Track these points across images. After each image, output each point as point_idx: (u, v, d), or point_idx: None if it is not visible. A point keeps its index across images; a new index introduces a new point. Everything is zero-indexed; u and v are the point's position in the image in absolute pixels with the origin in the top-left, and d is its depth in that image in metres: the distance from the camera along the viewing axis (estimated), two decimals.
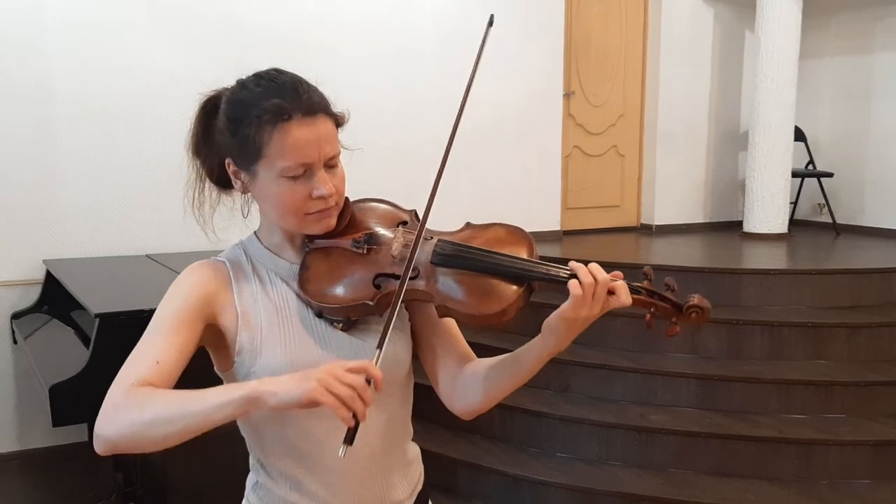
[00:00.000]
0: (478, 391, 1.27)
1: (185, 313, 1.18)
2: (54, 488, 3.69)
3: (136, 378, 1.10)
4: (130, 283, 3.46)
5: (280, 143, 1.16)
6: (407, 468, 1.35)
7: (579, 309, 1.11)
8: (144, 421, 1.05)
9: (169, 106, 4.12)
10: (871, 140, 5.90)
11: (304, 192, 1.19)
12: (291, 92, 1.18)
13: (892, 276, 4.27)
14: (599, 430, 3.54)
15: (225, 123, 1.22)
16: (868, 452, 3.36)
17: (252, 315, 1.22)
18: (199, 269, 1.26)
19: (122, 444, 1.07)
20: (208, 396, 1.05)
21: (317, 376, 1.00)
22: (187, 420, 1.05)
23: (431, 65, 4.84)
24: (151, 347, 1.15)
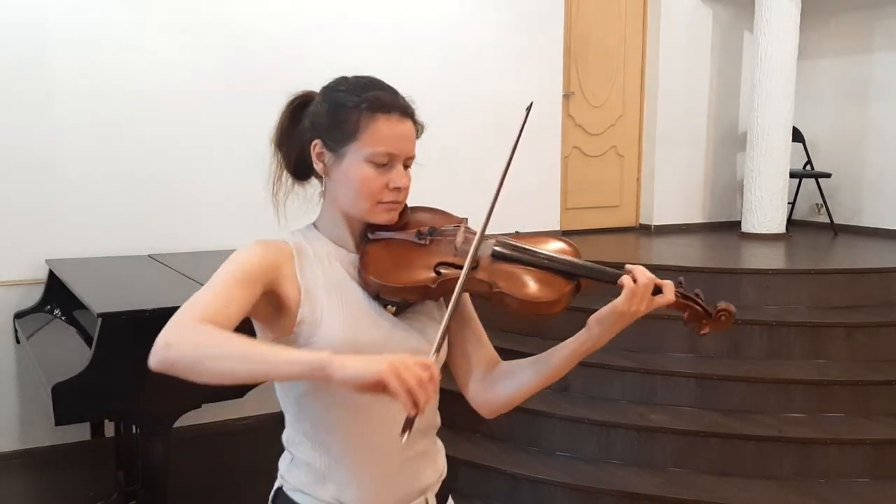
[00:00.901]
0: (511, 388, 1.37)
1: (249, 273, 1.23)
2: (56, 487, 3.70)
3: (206, 315, 1.14)
4: (133, 282, 3.47)
5: (375, 130, 1.28)
6: (435, 456, 1.41)
7: (630, 303, 1.24)
8: (210, 350, 1.09)
9: (171, 108, 4.14)
10: (869, 140, 5.92)
11: (382, 180, 1.29)
12: (391, 93, 1.33)
13: (890, 276, 4.29)
14: (599, 429, 3.55)
15: (324, 108, 1.32)
16: (867, 452, 3.37)
17: (313, 290, 1.29)
18: (263, 241, 1.31)
19: (179, 365, 1.10)
20: (280, 350, 1.12)
21: (388, 360, 1.04)
22: (254, 364, 1.08)
23: (431, 66, 4.85)
24: (215, 295, 1.19)
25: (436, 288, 1.28)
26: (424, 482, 1.37)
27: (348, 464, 1.30)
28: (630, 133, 6.06)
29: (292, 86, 3.85)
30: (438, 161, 4.82)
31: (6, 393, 3.87)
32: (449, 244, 1.34)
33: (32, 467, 3.86)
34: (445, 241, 1.34)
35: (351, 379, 1.04)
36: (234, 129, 4.29)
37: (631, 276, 1.25)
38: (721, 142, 6.29)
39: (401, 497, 1.34)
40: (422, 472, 1.37)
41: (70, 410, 2.58)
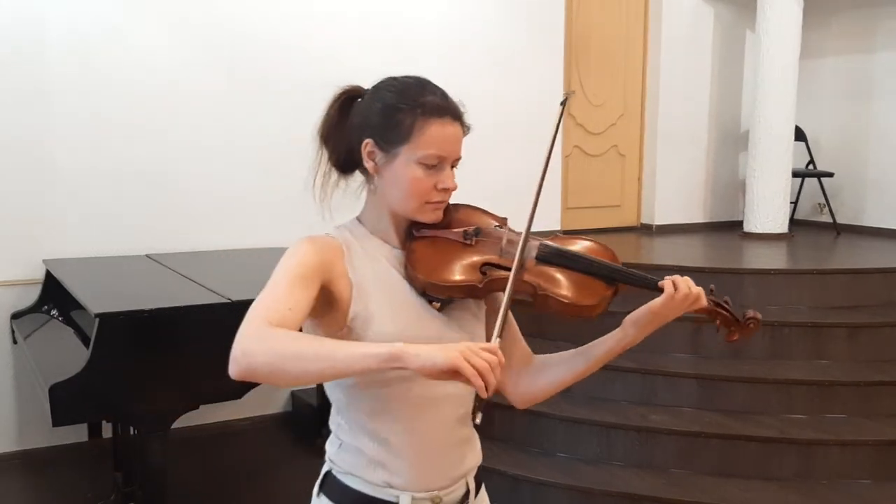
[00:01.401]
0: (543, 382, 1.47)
1: (307, 272, 1.27)
2: (54, 488, 3.69)
3: (272, 319, 1.18)
4: (130, 283, 3.46)
5: (429, 133, 1.33)
6: (475, 443, 1.48)
7: (667, 306, 1.33)
8: (286, 353, 1.14)
9: (170, 105, 4.13)
10: (872, 140, 5.90)
11: (431, 181, 1.34)
12: (444, 96, 1.37)
13: (892, 276, 4.27)
14: (600, 430, 3.54)
15: (376, 108, 1.35)
16: (868, 452, 3.36)
17: (364, 286, 1.33)
18: (314, 239, 1.35)
19: (261, 372, 1.14)
20: (352, 346, 1.16)
21: (458, 348, 1.10)
22: (330, 363, 1.13)
23: (431, 66, 4.81)
24: (281, 297, 1.23)
25: (482, 288, 1.34)
26: (466, 467, 1.44)
27: (398, 449, 1.35)
28: (631, 132, 6.04)
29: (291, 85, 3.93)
30: None
31: (3, 394, 3.86)
32: (494, 245, 1.38)
33: (30, 468, 3.85)
34: (491, 242, 1.39)
35: (425, 367, 1.09)
36: (232, 129, 4.28)
37: (672, 282, 1.34)
38: (723, 141, 6.28)
39: (446, 480, 1.40)
40: (464, 458, 1.44)
41: (67, 411, 2.57)
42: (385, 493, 1.36)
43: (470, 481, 1.45)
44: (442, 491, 1.38)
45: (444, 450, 1.39)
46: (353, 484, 1.37)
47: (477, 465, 1.49)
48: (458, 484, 1.42)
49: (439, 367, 1.09)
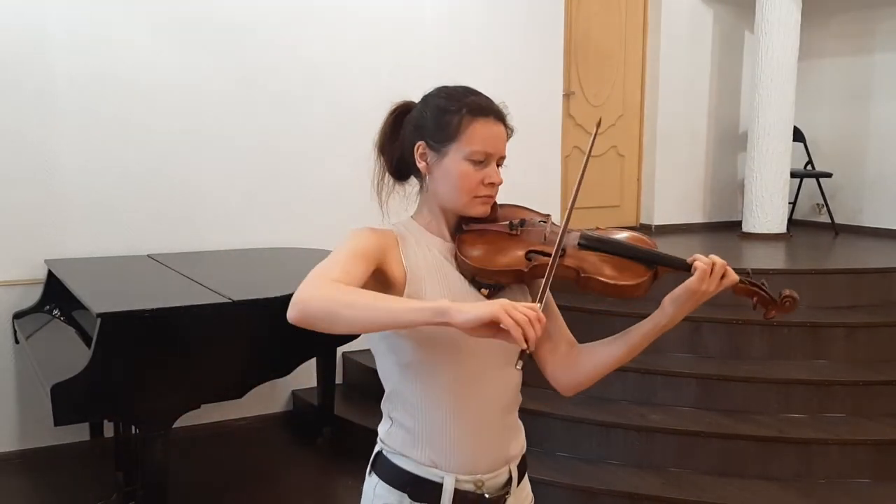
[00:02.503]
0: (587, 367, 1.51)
1: (365, 250, 1.38)
2: (55, 488, 3.69)
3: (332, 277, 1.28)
4: (132, 282, 3.46)
5: (475, 131, 1.43)
6: (519, 431, 1.56)
7: (702, 282, 1.39)
8: (343, 301, 1.22)
9: (170, 105, 4.13)
10: (870, 140, 5.91)
11: (479, 176, 1.44)
12: (487, 99, 1.48)
13: (890, 276, 4.28)
14: (599, 429, 3.55)
15: (428, 113, 1.47)
16: (868, 452, 3.37)
17: (416, 271, 1.43)
18: (373, 228, 1.45)
19: (317, 316, 1.23)
20: (402, 301, 1.28)
21: (500, 302, 1.17)
22: (380, 312, 1.21)
23: (430, 66, 4.84)
24: (339, 264, 1.32)
25: (528, 272, 1.42)
26: (510, 453, 1.50)
27: (446, 430, 1.42)
28: (630, 133, 6.05)
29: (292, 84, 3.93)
30: None
31: (5, 393, 3.86)
32: (538, 234, 1.48)
33: (31, 468, 3.85)
34: (535, 232, 1.49)
35: (469, 321, 1.16)
36: (234, 129, 4.29)
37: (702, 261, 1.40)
38: (722, 141, 6.29)
39: (490, 464, 1.46)
40: (509, 444, 1.50)
41: (69, 411, 2.58)
42: (431, 473, 1.42)
43: (513, 469, 1.51)
44: (485, 475, 1.44)
45: (489, 434, 1.46)
46: (401, 463, 1.45)
47: (521, 454, 1.55)
48: (502, 470, 1.48)
49: (481, 319, 1.15)
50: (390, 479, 1.46)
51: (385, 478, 1.47)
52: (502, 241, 1.48)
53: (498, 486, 1.48)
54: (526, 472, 1.59)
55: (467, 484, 1.43)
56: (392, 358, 1.44)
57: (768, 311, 1.51)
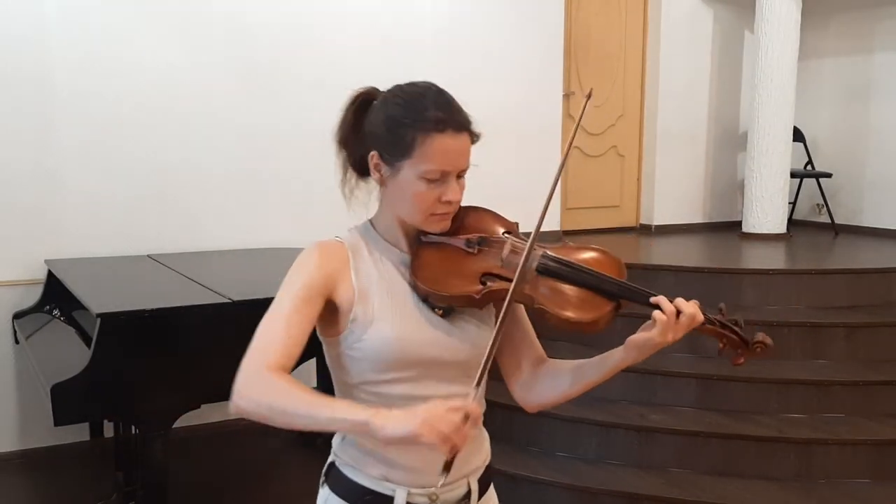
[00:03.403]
0: (557, 389, 1.45)
1: (312, 290, 1.32)
2: (55, 488, 3.69)
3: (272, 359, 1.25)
4: (132, 283, 3.46)
5: (430, 149, 1.31)
6: (481, 443, 1.50)
7: (665, 334, 1.30)
8: (278, 409, 1.21)
9: (170, 105, 4.13)
10: (870, 140, 5.91)
11: (435, 195, 1.34)
12: (447, 108, 1.35)
13: (890, 276, 4.28)
14: (599, 429, 3.55)
15: (382, 120, 1.35)
16: (867, 452, 3.37)
17: (367, 291, 1.36)
18: (322, 248, 1.39)
19: (252, 417, 1.22)
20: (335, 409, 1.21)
21: (422, 416, 1.12)
22: (312, 421, 1.19)
23: (430, 66, 4.84)
24: (284, 322, 1.29)
25: (479, 299, 1.33)
26: (469, 467, 1.44)
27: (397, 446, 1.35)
28: (630, 133, 6.05)
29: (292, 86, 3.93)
30: None
31: (5, 393, 3.86)
32: (497, 253, 1.37)
33: (31, 468, 3.85)
34: (494, 251, 1.38)
35: (392, 438, 1.13)
36: (233, 129, 4.29)
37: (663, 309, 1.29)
38: (721, 142, 6.29)
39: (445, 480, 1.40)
40: (467, 457, 1.41)
41: (69, 411, 2.57)
42: (382, 487, 1.38)
43: (472, 482, 1.45)
44: (440, 489, 1.37)
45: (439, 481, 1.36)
46: (353, 476, 1.41)
47: (483, 466, 1.49)
48: (459, 483, 1.42)
49: (402, 439, 1.12)
50: (342, 491, 1.42)
51: (337, 490, 1.43)
52: (457, 260, 1.37)
53: (454, 500, 1.42)
54: (491, 483, 1.53)
55: (420, 497, 1.38)
56: (342, 373, 1.40)
57: (737, 356, 1.38)
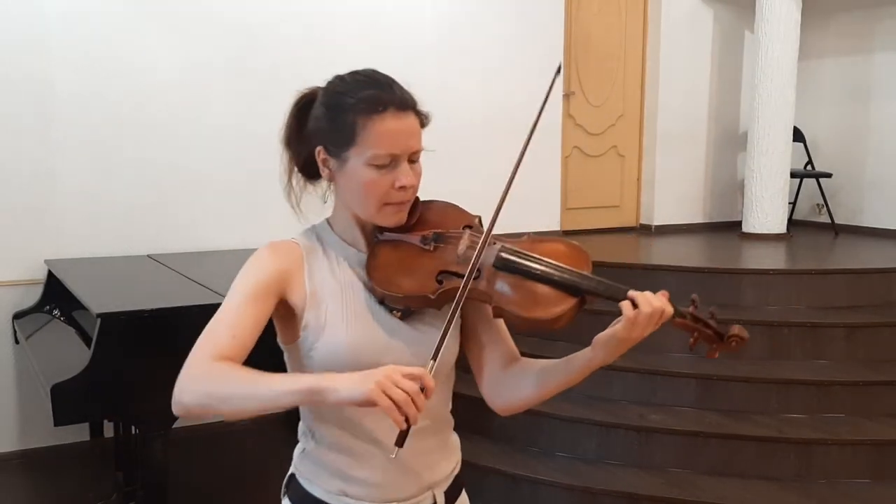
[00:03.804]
0: (526, 390, 1.34)
1: (261, 287, 1.27)
2: (55, 488, 3.69)
3: (215, 351, 1.19)
4: (132, 283, 3.46)
5: (373, 131, 1.25)
6: (448, 453, 1.43)
7: (631, 330, 1.20)
8: (219, 395, 1.15)
9: (170, 106, 4.14)
10: (870, 140, 5.91)
11: (387, 181, 1.27)
12: (387, 86, 1.28)
13: (890, 276, 4.28)
14: (599, 429, 3.55)
15: (322, 112, 1.30)
16: (867, 452, 3.37)
17: (320, 294, 1.30)
18: (275, 247, 1.33)
19: (195, 412, 1.16)
20: (277, 382, 1.13)
21: (375, 378, 1.07)
22: (257, 401, 1.13)
23: (430, 66, 4.84)
24: (228, 320, 1.23)
25: (435, 299, 1.27)
26: (434, 478, 1.39)
27: (358, 459, 1.32)
28: (630, 133, 6.05)
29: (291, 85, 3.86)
30: (436, 159, 4.82)
31: (5, 393, 3.87)
32: (454, 250, 1.30)
33: (31, 468, 3.85)
34: (450, 248, 1.31)
35: (343, 401, 1.09)
36: (233, 129, 4.29)
37: (631, 303, 1.20)
38: (722, 142, 6.29)
39: (407, 492, 1.35)
40: (433, 468, 1.38)
41: (69, 411, 2.57)
42: (340, 502, 1.34)
43: (438, 494, 1.40)
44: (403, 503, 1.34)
45: (406, 461, 1.31)
46: (311, 490, 1.37)
47: (451, 477, 1.43)
48: (423, 496, 1.37)
49: (355, 401, 1.08)
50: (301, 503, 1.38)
51: (296, 502, 1.40)
52: (413, 258, 1.30)
53: None
54: (460, 494, 1.47)
55: None
56: None
57: (711, 349, 1.31)
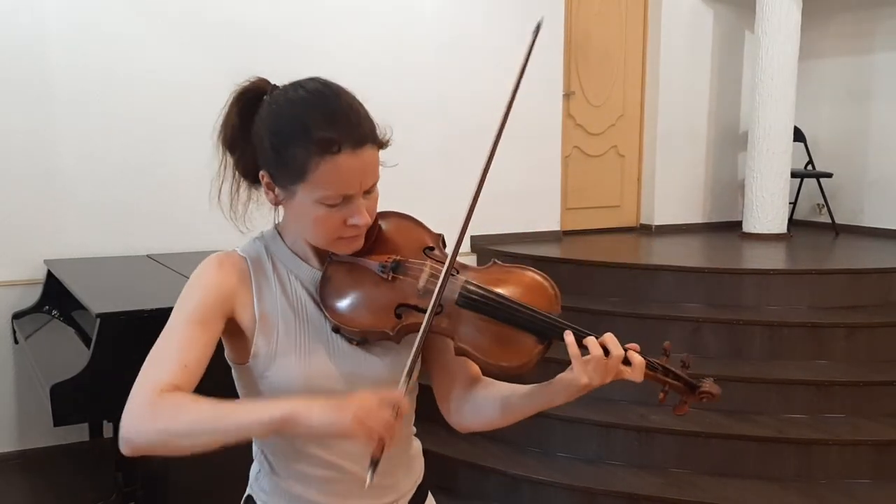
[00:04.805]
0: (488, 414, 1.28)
1: (207, 310, 1.17)
2: (54, 488, 3.69)
3: (165, 382, 1.09)
4: (131, 283, 3.46)
5: (325, 173, 1.13)
6: (409, 463, 1.38)
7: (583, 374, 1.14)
8: (174, 431, 1.05)
9: (170, 106, 4.13)
10: (871, 140, 5.91)
11: (339, 218, 1.17)
12: (343, 120, 1.15)
13: (891, 276, 4.28)
14: (599, 430, 3.55)
15: (269, 136, 1.17)
16: (868, 452, 3.37)
17: (270, 319, 1.21)
18: (219, 264, 1.23)
19: (149, 450, 1.08)
20: (242, 413, 1.05)
21: (352, 409, 1.01)
22: (219, 435, 1.05)
23: (430, 66, 4.84)
24: (176, 346, 1.14)
25: (394, 335, 1.20)
26: (396, 492, 1.33)
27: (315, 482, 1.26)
28: (631, 133, 6.05)
29: None
30: (436, 158, 4.82)
31: (4, 393, 3.86)
32: (413, 282, 1.21)
33: (31, 468, 3.85)
34: (409, 279, 1.21)
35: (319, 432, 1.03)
36: None
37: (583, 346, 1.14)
38: (722, 142, 6.29)
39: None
40: (396, 484, 1.33)
41: (68, 411, 2.57)
42: None
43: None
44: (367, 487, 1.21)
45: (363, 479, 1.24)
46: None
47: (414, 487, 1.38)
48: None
49: (332, 433, 1.02)
50: None
51: None
52: (371, 287, 1.21)
53: None
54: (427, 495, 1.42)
55: None
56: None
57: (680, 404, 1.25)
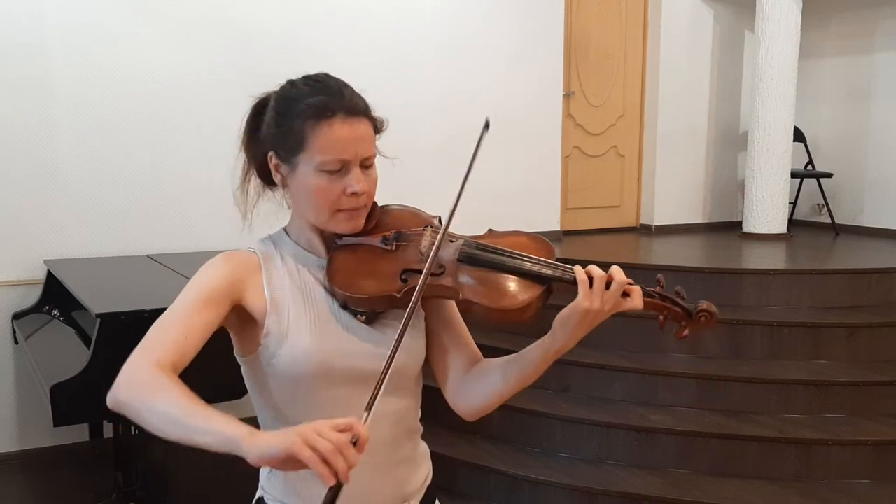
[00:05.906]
0: (484, 390, 1.31)
1: (215, 292, 1.23)
2: (54, 488, 3.69)
3: (161, 354, 1.14)
4: (131, 283, 3.46)
5: (321, 137, 1.23)
6: (416, 463, 1.38)
7: (589, 299, 1.17)
8: (151, 409, 1.09)
9: (170, 107, 4.13)
10: (871, 140, 5.91)
11: (338, 187, 1.25)
12: (337, 92, 1.26)
13: (891, 276, 4.28)
14: (599, 430, 3.54)
15: (272, 117, 1.30)
16: (868, 452, 3.37)
17: (280, 300, 1.27)
18: (230, 255, 1.31)
19: (125, 412, 1.12)
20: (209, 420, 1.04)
21: (298, 430, 0.97)
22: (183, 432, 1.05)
23: (431, 66, 4.84)
24: (179, 322, 1.19)
25: (401, 297, 1.24)
26: (406, 490, 1.34)
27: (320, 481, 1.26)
28: (631, 133, 6.05)
29: None
30: (436, 157, 4.82)
31: (4, 394, 3.86)
32: (415, 248, 1.29)
33: (31, 468, 3.85)
34: (412, 246, 1.29)
35: (262, 457, 0.98)
36: (233, 131, 4.27)
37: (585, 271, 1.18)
38: (722, 142, 6.29)
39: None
40: (406, 480, 1.34)
41: (69, 411, 2.57)
42: None
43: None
44: None
45: (377, 475, 1.28)
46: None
47: (423, 487, 1.38)
48: None
49: (275, 458, 0.96)
50: None
51: None
52: (375, 259, 1.28)
53: None
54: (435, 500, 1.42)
55: None
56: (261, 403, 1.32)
57: (680, 328, 1.26)
